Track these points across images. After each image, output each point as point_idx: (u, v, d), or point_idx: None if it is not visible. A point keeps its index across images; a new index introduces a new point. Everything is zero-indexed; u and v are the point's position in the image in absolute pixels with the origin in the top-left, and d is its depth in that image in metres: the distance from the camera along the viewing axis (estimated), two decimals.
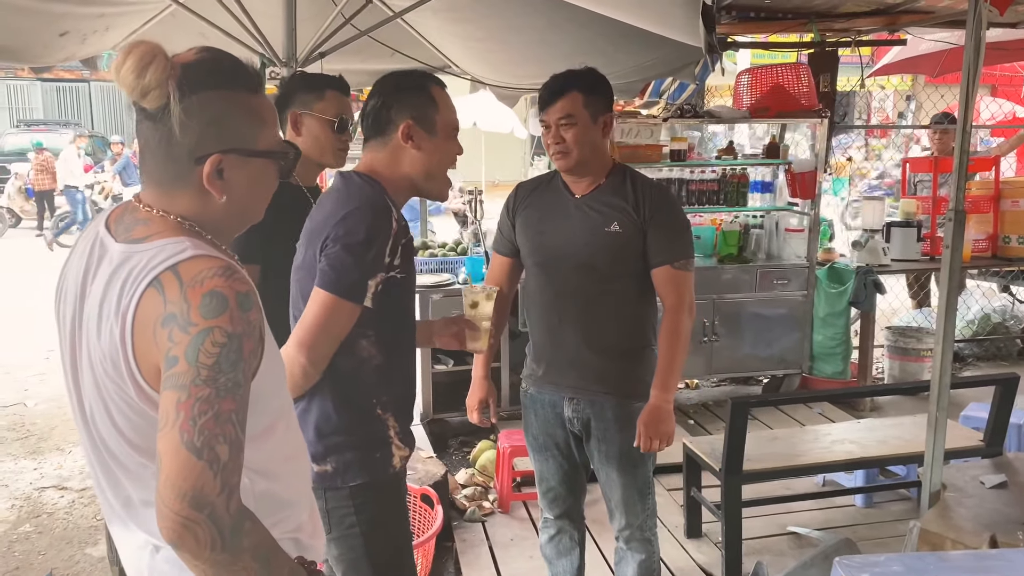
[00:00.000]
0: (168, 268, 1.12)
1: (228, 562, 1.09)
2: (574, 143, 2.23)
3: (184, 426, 1.06)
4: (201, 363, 1.08)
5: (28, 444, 4.76)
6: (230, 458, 1.08)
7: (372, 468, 1.81)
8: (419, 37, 4.43)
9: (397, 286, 1.75)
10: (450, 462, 4.29)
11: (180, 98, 1.15)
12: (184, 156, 1.19)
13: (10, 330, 7.14)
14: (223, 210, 1.23)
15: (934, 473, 2.59)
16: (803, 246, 5.00)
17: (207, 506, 1.06)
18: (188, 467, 1.05)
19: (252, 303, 1.14)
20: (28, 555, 3.48)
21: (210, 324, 1.09)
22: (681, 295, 2.29)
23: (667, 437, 2.27)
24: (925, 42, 6.42)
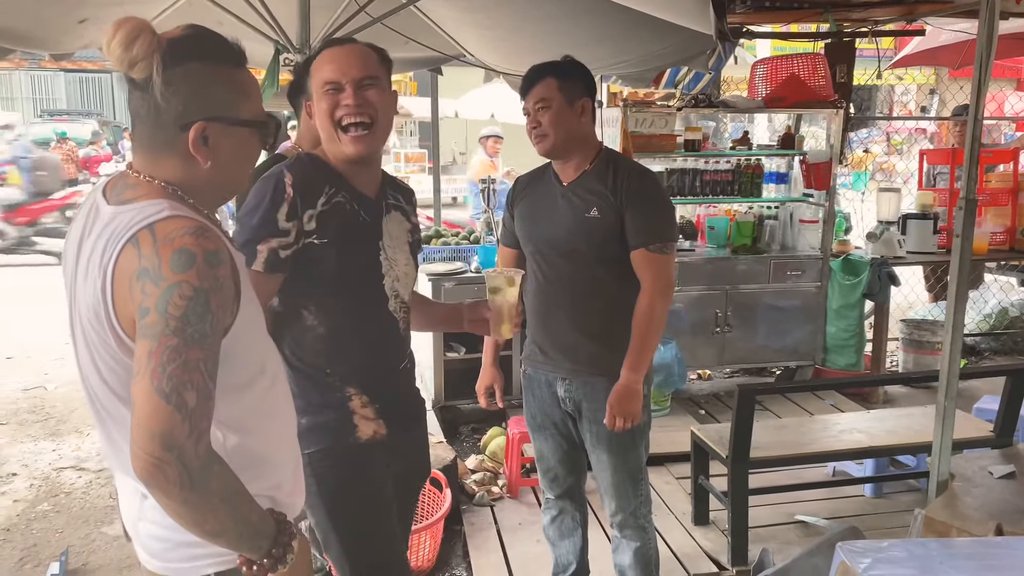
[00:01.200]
0: (145, 227, 1.19)
1: (196, 502, 1.16)
2: (550, 126, 2.29)
3: (155, 373, 1.14)
4: (170, 314, 1.15)
5: (48, 426, 4.84)
6: (198, 404, 1.16)
7: (326, 436, 1.82)
8: (433, 25, 4.44)
9: (321, 253, 1.75)
10: (460, 448, 4.33)
11: (165, 69, 1.22)
12: (170, 124, 1.26)
13: (32, 314, 7.25)
14: (207, 176, 1.30)
15: (942, 462, 2.59)
16: (817, 237, 4.98)
17: (176, 447, 1.13)
18: (158, 411, 1.13)
19: (221, 261, 1.21)
20: (46, 533, 3.55)
21: (179, 278, 1.16)
22: (656, 277, 2.31)
23: (633, 416, 2.30)
24: (945, 33, 6.35)
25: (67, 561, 3.23)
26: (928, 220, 5.26)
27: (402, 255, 1.94)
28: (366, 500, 1.88)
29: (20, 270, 9.64)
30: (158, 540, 1.31)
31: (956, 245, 2.45)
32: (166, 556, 1.31)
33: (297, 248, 1.74)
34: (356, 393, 1.85)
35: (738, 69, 7.89)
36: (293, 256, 1.74)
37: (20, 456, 4.38)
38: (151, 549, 1.33)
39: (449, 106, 13.78)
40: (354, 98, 1.75)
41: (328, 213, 1.77)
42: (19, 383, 5.63)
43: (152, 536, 1.32)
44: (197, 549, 1.29)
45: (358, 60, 1.78)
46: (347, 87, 1.76)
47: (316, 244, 1.75)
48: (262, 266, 1.71)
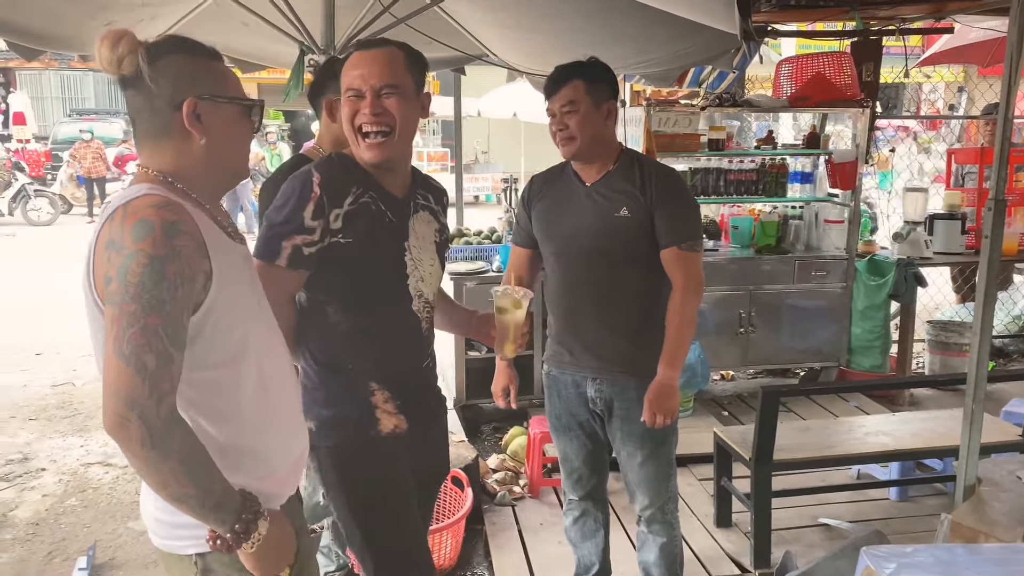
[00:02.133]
0: (121, 204, 1.29)
1: (157, 460, 1.24)
2: (578, 129, 2.28)
3: (116, 337, 1.23)
4: (128, 281, 1.23)
5: (76, 422, 4.91)
6: (158, 367, 1.23)
7: (348, 430, 1.86)
8: (456, 25, 4.45)
9: (346, 252, 1.79)
10: (482, 447, 4.34)
11: (150, 60, 1.33)
12: (165, 106, 1.36)
13: (61, 312, 7.36)
14: (203, 156, 1.40)
15: (969, 466, 2.55)
16: (843, 238, 4.93)
17: (137, 406, 1.21)
18: (120, 372, 1.22)
19: (179, 231, 1.27)
20: (74, 527, 3.60)
21: (136, 247, 1.24)
22: (688, 275, 2.32)
23: (671, 413, 2.31)
24: (975, 30, 6.26)
25: (94, 556, 3.28)
26: (956, 220, 5.20)
27: (427, 255, 1.95)
28: (389, 492, 1.91)
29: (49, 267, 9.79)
30: (155, 520, 1.42)
31: (985, 246, 2.42)
32: (161, 533, 1.42)
33: (323, 246, 1.77)
34: (378, 388, 1.88)
35: (763, 68, 7.82)
36: (318, 254, 1.77)
37: (49, 452, 4.45)
38: (151, 527, 1.45)
39: (472, 105, 13.81)
40: (372, 107, 1.77)
41: (354, 213, 1.80)
42: (48, 379, 5.72)
43: (150, 516, 1.44)
44: (179, 531, 1.38)
45: (381, 67, 1.79)
46: (367, 95, 1.78)
47: (342, 243, 1.78)
48: (285, 261, 1.75)
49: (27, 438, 4.65)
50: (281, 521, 1.43)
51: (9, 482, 4.07)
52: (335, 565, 2.93)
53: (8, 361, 6.14)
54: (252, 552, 1.35)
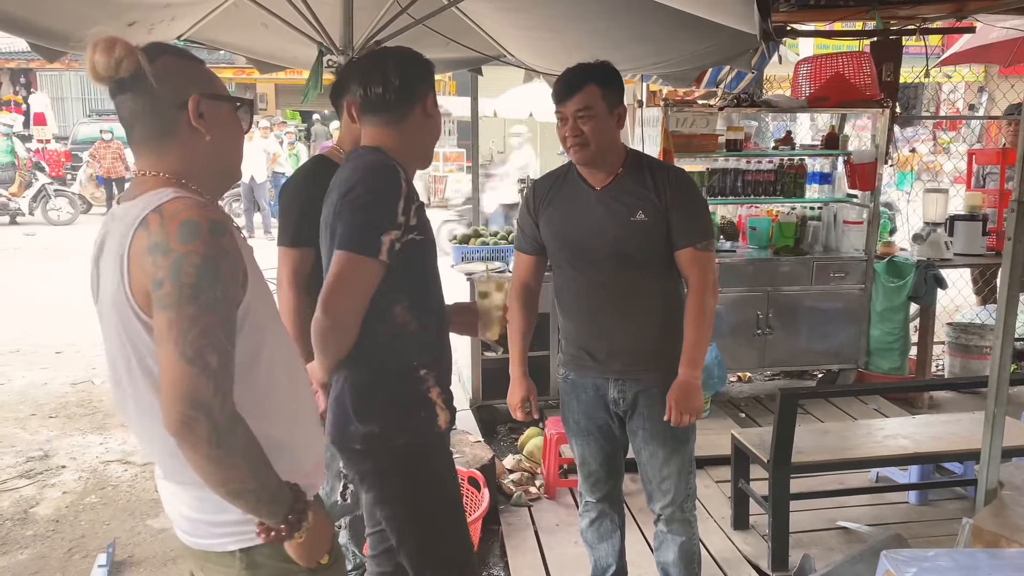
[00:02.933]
0: (153, 209, 1.28)
1: (222, 458, 1.25)
2: (592, 135, 2.25)
3: (177, 340, 1.22)
4: (183, 283, 1.23)
5: (95, 420, 4.95)
6: (220, 365, 1.24)
7: (418, 429, 1.88)
8: (473, 26, 4.45)
9: (418, 248, 1.82)
10: (498, 447, 4.34)
11: (150, 60, 1.33)
12: (169, 105, 1.36)
13: (80, 311, 7.42)
14: (208, 154, 1.40)
15: (991, 470, 2.53)
16: (862, 239, 4.90)
17: (203, 406, 1.22)
18: (184, 374, 1.22)
19: (224, 230, 1.29)
20: (93, 525, 3.63)
21: (187, 248, 1.24)
22: (704, 275, 2.33)
23: (696, 411, 2.33)
24: (996, 30, 6.20)
25: (114, 553, 3.31)
26: (977, 222, 5.15)
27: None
28: (453, 485, 2.00)
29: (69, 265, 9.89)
30: (190, 521, 1.42)
31: (1007, 248, 2.39)
32: (199, 533, 1.42)
33: (404, 241, 1.79)
34: (434, 384, 1.91)
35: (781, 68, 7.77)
36: (400, 249, 1.79)
37: (69, 449, 4.49)
38: (182, 526, 1.44)
39: (488, 105, 13.81)
40: None
41: (421, 209, 1.84)
42: (68, 377, 5.77)
43: (183, 516, 1.43)
44: (220, 528, 1.39)
45: None
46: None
47: (417, 240, 1.82)
48: (385, 255, 1.76)
49: (48, 435, 4.70)
50: (321, 510, 1.46)
51: (30, 479, 4.11)
52: (352, 564, 2.94)
53: (29, 359, 6.20)
54: (301, 542, 1.38)
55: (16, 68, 20.86)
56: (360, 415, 1.84)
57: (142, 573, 3.24)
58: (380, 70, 1.89)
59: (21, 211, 14.05)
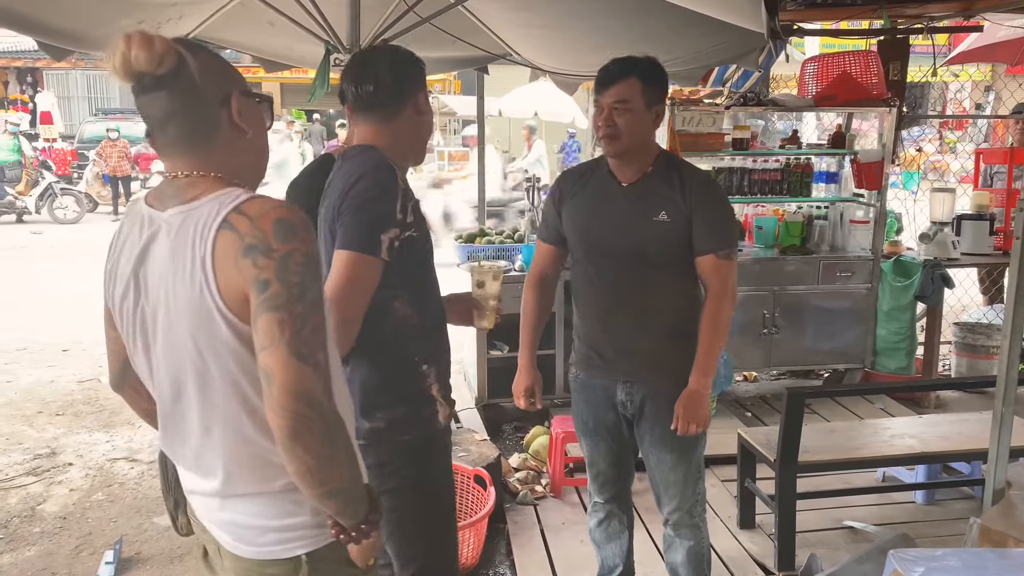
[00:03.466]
0: (232, 210, 1.24)
1: (332, 456, 1.24)
2: (626, 129, 2.22)
3: (290, 340, 1.20)
4: (291, 282, 1.21)
5: (101, 418, 4.97)
6: (326, 363, 1.25)
7: (422, 424, 1.89)
8: (480, 25, 4.45)
9: (415, 245, 1.83)
10: (503, 446, 4.34)
11: (191, 53, 1.29)
12: (211, 104, 1.32)
13: (87, 309, 7.44)
14: (248, 151, 1.38)
15: (998, 470, 2.52)
16: (868, 238, 4.89)
17: (317, 404, 1.22)
18: (299, 373, 1.20)
19: (311, 227, 1.27)
20: (100, 522, 3.65)
21: (290, 247, 1.22)
22: (724, 283, 2.29)
23: (703, 421, 2.29)
24: (1004, 29, 6.18)
25: (121, 550, 3.32)
26: (984, 221, 5.13)
27: None
28: (450, 482, 2.01)
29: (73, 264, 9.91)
30: (246, 528, 1.37)
31: (1016, 247, 2.39)
32: (258, 541, 1.37)
33: (402, 238, 1.80)
34: (434, 380, 1.92)
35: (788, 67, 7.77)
36: (399, 246, 1.80)
37: (76, 446, 4.51)
38: (240, 536, 1.37)
39: (492, 104, 13.80)
40: None
41: (417, 207, 1.85)
42: (74, 375, 5.79)
43: (239, 524, 1.37)
44: (285, 533, 1.36)
45: None
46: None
47: (414, 236, 1.83)
48: (385, 254, 1.77)
49: (54, 433, 4.71)
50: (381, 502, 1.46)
51: (37, 476, 4.12)
52: None
53: (36, 357, 6.22)
54: (368, 543, 1.37)
55: (23, 67, 20.94)
56: (365, 411, 1.85)
57: (149, 570, 3.25)
58: (371, 69, 1.89)
59: (28, 210, 14.09)
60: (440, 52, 4.79)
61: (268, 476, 1.33)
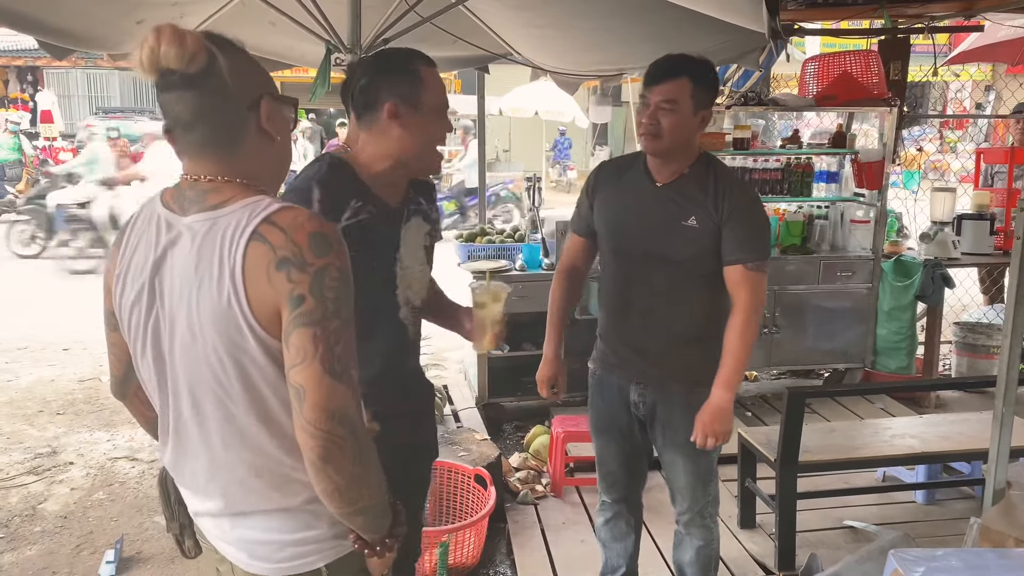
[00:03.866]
0: (263, 220, 1.20)
1: (363, 475, 1.22)
2: (669, 130, 2.17)
3: (324, 357, 1.17)
4: (327, 297, 1.18)
5: (102, 417, 4.97)
6: (357, 380, 1.22)
7: None
8: (481, 24, 4.45)
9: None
10: (504, 445, 4.34)
11: (223, 53, 1.24)
12: (240, 106, 1.27)
13: (87, 308, 7.44)
14: (275, 157, 1.34)
15: (999, 470, 2.52)
16: (869, 238, 4.89)
17: (350, 422, 1.19)
18: (334, 391, 1.18)
19: (343, 241, 1.24)
20: (101, 521, 3.65)
21: (324, 262, 1.19)
22: (751, 295, 2.23)
23: (724, 436, 2.25)
24: (1005, 28, 6.17)
25: (122, 549, 3.32)
26: (984, 221, 5.13)
27: (416, 262, 1.95)
28: None
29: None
30: (262, 544, 1.33)
31: (1017, 247, 2.38)
32: (276, 557, 1.33)
33: None
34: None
35: (788, 66, 7.77)
36: None
37: (76, 445, 4.51)
38: (256, 553, 1.33)
39: (493, 104, 13.82)
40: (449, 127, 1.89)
41: (351, 228, 1.76)
42: (75, 374, 5.79)
43: (255, 541, 1.33)
44: (304, 547, 1.32)
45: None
46: (448, 118, 1.87)
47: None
48: None
49: (55, 432, 4.71)
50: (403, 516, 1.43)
51: (38, 475, 4.13)
52: None
53: (36, 356, 6.23)
54: (389, 556, 1.35)
55: (23, 66, 20.91)
56: None
57: (150, 569, 3.25)
58: (355, 72, 1.86)
59: None
60: (441, 51, 4.79)
61: (288, 492, 1.30)
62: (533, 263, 4.64)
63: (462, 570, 3.12)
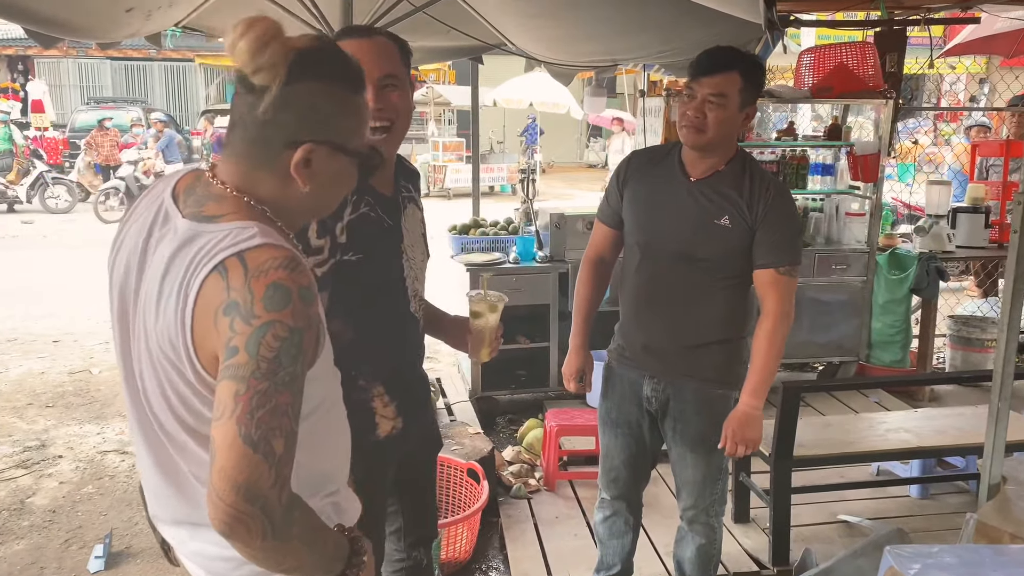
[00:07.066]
0: (234, 254, 1.10)
1: (277, 548, 1.11)
2: (715, 124, 2.11)
3: (241, 418, 1.06)
4: (262, 356, 1.07)
5: (92, 409, 4.93)
6: (284, 450, 1.09)
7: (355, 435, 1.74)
8: (474, 14, 4.41)
9: (355, 269, 1.70)
10: (497, 439, 4.32)
11: (290, 81, 1.14)
12: (277, 139, 1.18)
13: (78, 300, 7.40)
14: (301, 200, 1.23)
15: (994, 465, 2.51)
16: (864, 231, 4.87)
17: (260, 498, 1.06)
18: (244, 460, 1.06)
19: (313, 296, 1.14)
20: (90, 515, 3.61)
21: (272, 317, 1.08)
22: (781, 301, 2.18)
23: (753, 444, 2.21)
24: (1001, 20, 6.15)
25: (111, 543, 3.29)
26: (980, 214, 5.12)
27: (418, 251, 1.91)
28: (375, 497, 1.86)
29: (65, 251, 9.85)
30: (220, 560, 1.26)
31: (1014, 241, 2.37)
32: (231, 571, 1.27)
33: (333, 263, 1.68)
34: (379, 393, 1.83)
35: (784, 58, 7.74)
36: (330, 272, 1.68)
37: (66, 439, 4.47)
38: (215, 570, 1.28)
39: (487, 95, 13.77)
40: (376, 100, 1.67)
41: (356, 223, 1.71)
42: (65, 367, 5.75)
43: (212, 556, 1.27)
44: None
45: (379, 58, 1.70)
46: (368, 87, 1.69)
47: (352, 261, 1.70)
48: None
49: (45, 425, 4.67)
50: (367, 544, 1.34)
51: (27, 469, 4.09)
52: None
53: (26, 348, 6.18)
54: None
55: (14, 55, 20.75)
56: None
57: (139, 564, 3.22)
58: None
59: (19, 199, 13.98)
60: (434, 41, 4.75)
61: None
62: (527, 255, 4.61)
63: (454, 565, 3.10)
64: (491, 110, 16.10)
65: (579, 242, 4.54)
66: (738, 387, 2.28)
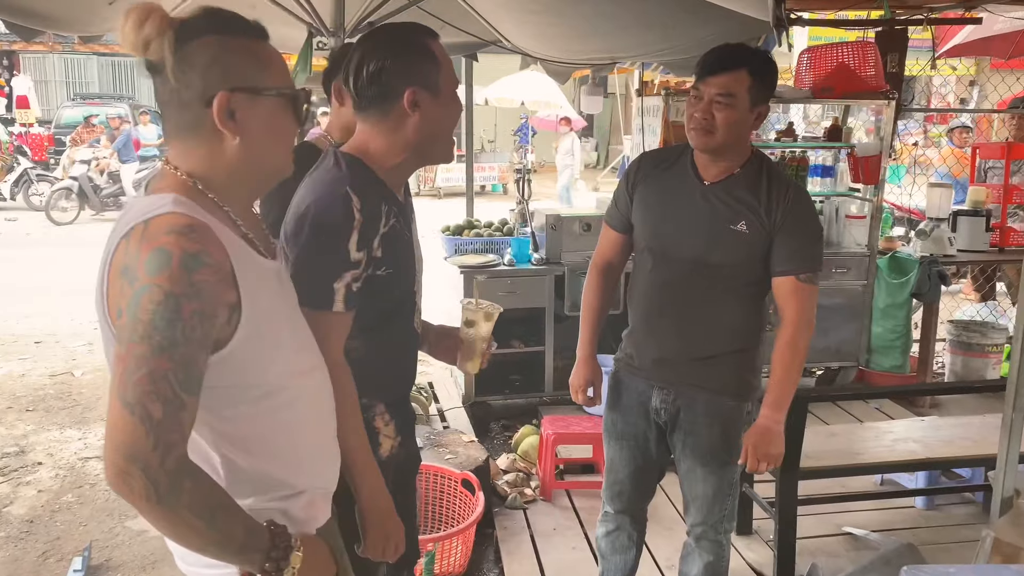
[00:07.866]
0: (143, 220, 1.13)
1: (165, 515, 1.11)
2: (724, 125, 2.01)
3: (120, 380, 1.09)
4: (138, 318, 1.09)
5: (74, 413, 4.80)
6: (165, 416, 1.09)
7: None
8: (470, 9, 4.30)
9: (384, 283, 1.60)
10: (491, 446, 4.21)
11: (179, 45, 1.17)
12: (194, 101, 1.19)
13: (61, 300, 7.25)
14: (238, 157, 1.23)
15: (1007, 477, 2.43)
16: (864, 234, 4.79)
17: (139, 460, 1.08)
18: (121, 420, 1.08)
19: (201, 264, 1.11)
20: (69, 526, 3.48)
21: (149, 281, 1.09)
22: (802, 309, 2.09)
23: (775, 460, 2.11)
24: (1000, 21, 6.09)
25: (90, 556, 3.17)
26: (980, 217, 5.05)
27: (421, 260, 1.81)
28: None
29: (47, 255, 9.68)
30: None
31: None
32: (188, 559, 1.30)
33: (366, 277, 1.56)
34: (380, 412, 1.73)
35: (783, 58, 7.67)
36: (362, 287, 1.56)
37: (46, 444, 4.34)
38: (178, 551, 1.31)
39: (479, 93, 13.65)
40: (461, 107, 1.71)
41: (388, 237, 1.59)
42: (47, 369, 5.60)
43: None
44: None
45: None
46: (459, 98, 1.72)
47: (383, 276, 1.59)
48: (343, 306, 1.53)
49: (24, 430, 4.53)
50: (316, 546, 1.32)
51: (4, 476, 3.95)
52: None
53: (6, 350, 6.02)
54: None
55: None
56: None
57: None
58: (357, 59, 1.61)
59: (2, 196, 13.77)
60: None
61: None
62: (522, 257, 4.50)
63: None
64: (482, 109, 16.00)
65: (576, 244, 4.44)
66: (750, 398, 2.19)
